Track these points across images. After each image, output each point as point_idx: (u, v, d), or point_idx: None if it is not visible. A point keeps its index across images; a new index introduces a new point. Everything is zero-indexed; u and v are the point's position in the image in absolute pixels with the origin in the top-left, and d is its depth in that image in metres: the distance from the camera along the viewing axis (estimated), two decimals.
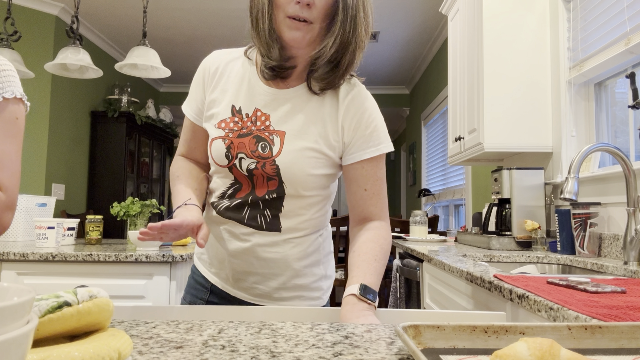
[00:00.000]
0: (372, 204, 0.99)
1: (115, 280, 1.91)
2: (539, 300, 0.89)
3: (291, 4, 0.86)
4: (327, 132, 0.96)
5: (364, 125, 0.97)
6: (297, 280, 1.03)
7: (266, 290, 1.03)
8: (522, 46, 2.22)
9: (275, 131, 0.96)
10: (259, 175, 0.96)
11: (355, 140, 0.97)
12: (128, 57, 2.72)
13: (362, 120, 0.97)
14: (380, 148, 0.98)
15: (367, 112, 0.98)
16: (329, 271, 1.10)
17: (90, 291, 0.50)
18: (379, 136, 0.98)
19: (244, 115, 0.97)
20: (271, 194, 0.97)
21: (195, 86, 1.05)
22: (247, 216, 0.99)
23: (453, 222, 4.55)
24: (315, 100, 0.97)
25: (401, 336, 0.50)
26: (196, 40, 4.94)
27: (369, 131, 0.97)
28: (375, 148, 0.98)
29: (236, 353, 0.53)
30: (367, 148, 0.97)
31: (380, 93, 6.49)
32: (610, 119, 1.96)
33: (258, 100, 0.97)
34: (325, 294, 1.09)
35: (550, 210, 2.13)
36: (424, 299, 2.06)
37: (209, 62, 1.04)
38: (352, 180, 1.00)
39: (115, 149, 4.84)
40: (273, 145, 0.95)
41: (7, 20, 2.81)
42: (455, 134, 2.71)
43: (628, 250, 1.43)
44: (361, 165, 0.98)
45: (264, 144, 0.95)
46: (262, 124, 0.96)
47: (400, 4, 4.02)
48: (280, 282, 1.02)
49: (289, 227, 0.99)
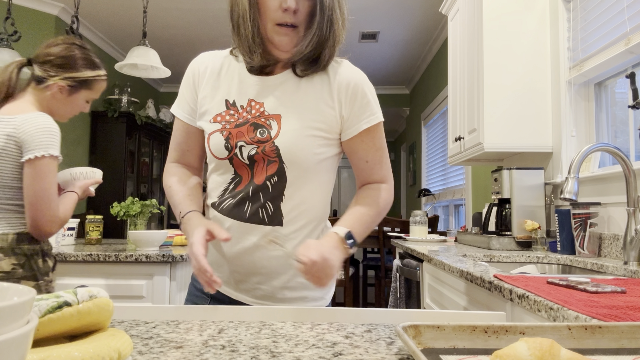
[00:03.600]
0: (374, 173, 1.06)
1: (115, 280, 1.91)
2: (539, 300, 0.89)
3: (278, 12, 0.91)
4: (322, 110, 0.99)
5: (360, 96, 1.00)
6: (300, 278, 1.02)
7: (269, 291, 1.02)
8: (522, 46, 2.22)
9: (271, 116, 0.99)
10: (260, 159, 0.98)
11: (353, 112, 1.00)
12: (128, 57, 2.72)
13: (358, 91, 1.00)
14: (377, 116, 1.02)
15: (360, 83, 1.01)
16: None
17: (90, 291, 0.50)
18: (373, 106, 1.02)
19: (238, 107, 1.00)
20: (272, 178, 0.98)
21: (185, 87, 1.07)
22: (248, 212, 0.99)
23: (453, 222, 4.55)
24: (304, 81, 1.01)
25: (401, 336, 0.50)
26: (196, 40, 4.94)
27: (366, 101, 1.01)
28: (372, 117, 1.02)
29: (236, 353, 0.53)
30: (364, 119, 1.01)
31: (380, 93, 6.48)
32: (610, 119, 1.96)
33: (250, 91, 1.01)
34: (328, 294, 1.11)
35: (550, 210, 2.13)
36: (424, 299, 2.06)
37: (198, 63, 1.07)
38: (353, 154, 1.05)
39: (115, 149, 4.83)
40: (271, 129, 0.98)
41: (7, 20, 2.81)
42: (455, 134, 2.71)
43: (628, 250, 1.43)
44: (360, 139, 1.02)
45: (262, 129, 0.98)
46: (257, 112, 0.99)
47: (400, 4, 4.02)
48: (283, 281, 1.01)
49: (291, 219, 0.99)
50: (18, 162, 1.42)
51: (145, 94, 6.13)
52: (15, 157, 1.41)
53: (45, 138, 1.40)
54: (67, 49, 1.53)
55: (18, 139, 1.39)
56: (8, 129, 1.40)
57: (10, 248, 1.40)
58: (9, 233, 1.41)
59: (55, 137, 1.43)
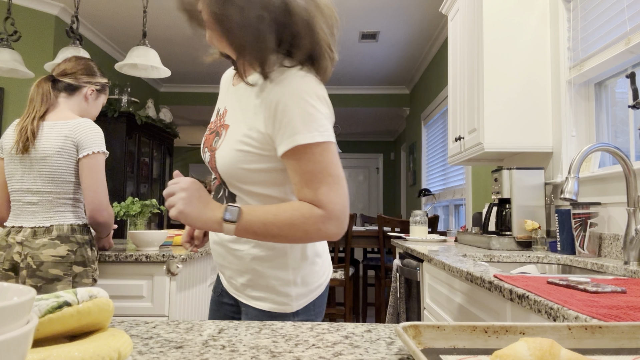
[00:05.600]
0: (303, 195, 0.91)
1: (115, 280, 1.91)
2: (539, 300, 0.89)
3: None
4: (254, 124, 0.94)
5: (279, 115, 0.89)
6: (260, 280, 1.02)
7: (237, 286, 1.07)
8: (522, 46, 2.22)
9: (224, 125, 1.01)
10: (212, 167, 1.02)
11: (274, 131, 0.91)
12: (128, 57, 2.71)
13: (278, 109, 0.89)
14: (295, 139, 0.88)
15: (282, 100, 0.89)
16: (302, 279, 1.03)
17: (90, 291, 0.50)
18: (295, 126, 0.88)
19: (220, 115, 1.05)
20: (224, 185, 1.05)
21: None
22: None
23: (453, 222, 4.55)
24: (250, 91, 0.97)
25: (401, 336, 0.50)
26: (196, 40, 4.94)
27: (286, 121, 0.88)
28: (292, 138, 0.88)
29: (236, 353, 0.53)
30: (284, 140, 0.89)
31: (380, 93, 6.49)
32: (610, 119, 1.96)
33: (228, 99, 1.05)
34: (295, 302, 1.03)
35: (550, 210, 2.13)
36: (424, 299, 2.06)
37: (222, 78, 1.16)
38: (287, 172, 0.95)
39: (115, 149, 4.83)
40: (219, 139, 1.00)
41: (7, 20, 2.81)
42: (455, 134, 2.71)
43: (628, 250, 1.43)
44: (285, 159, 0.91)
45: (217, 138, 1.01)
46: (221, 119, 1.04)
47: (400, 4, 4.02)
48: (246, 280, 1.04)
49: None
50: (74, 158, 1.69)
51: (145, 94, 6.13)
52: (72, 154, 1.68)
53: (97, 138, 1.71)
54: (82, 60, 1.84)
55: (74, 139, 1.67)
56: (65, 131, 1.67)
57: (66, 236, 1.64)
58: (64, 224, 1.66)
59: (103, 137, 1.74)
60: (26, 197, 1.67)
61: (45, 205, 1.66)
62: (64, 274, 1.61)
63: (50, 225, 1.64)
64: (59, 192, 1.68)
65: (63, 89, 1.78)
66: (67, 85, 1.78)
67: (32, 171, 1.66)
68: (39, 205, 1.66)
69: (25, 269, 1.60)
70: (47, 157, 1.65)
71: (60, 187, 1.68)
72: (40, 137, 1.66)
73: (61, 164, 1.67)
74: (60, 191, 1.68)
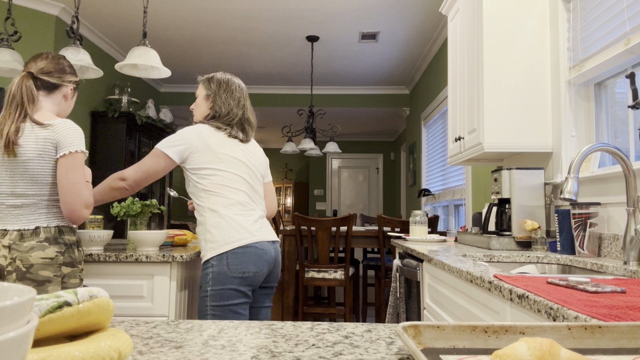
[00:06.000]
0: None
1: (115, 280, 1.91)
2: (539, 300, 0.89)
3: None
4: None
5: None
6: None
7: None
8: (522, 46, 2.22)
9: None
10: None
11: None
12: (128, 57, 2.71)
13: None
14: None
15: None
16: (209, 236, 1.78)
17: (91, 291, 0.50)
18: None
19: None
20: None
21: None
22: None
23: (453, 222, 4.55)
24: None
25: (401, 336, 0.50)
26: (196, 40, 4.94)
27: None
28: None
29: (236, 353, 0.53)
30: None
31: (380, 93, 6.49)
32: (610, 119, 1.96)
33: None
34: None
35: (550, 210, 2.13)
36: (424, 299, 2.06)
37: None
38: None
39: (115, 149, 4.83)
40: None
41: (7, 20, 2.81)
42: (455, 134, 2.71)
43: (628, 250, 1.43)
44: None
45: None
46: None
47: (400, 4, 4.02)
48: None
49: None
50: (54, 160, 1.66)
51: (145, 94, 6.13)
52: (53, 156, 1.66)
53: (76, 137, 1.67)
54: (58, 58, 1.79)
55: (54, 140, 1.65)
56: (44, 133, 1.65)
57: (54, 238, 1.64)
58: (50, 226, 1.66)
59: (82, 137, 1.71)
60: (9, 200, 1.64)
61: (29, 207, 1.64)
62: (54, 275, 1.60)
63: (36, 228, 1.62)
64: (42, 195, 1.66)
65: (42, 87, 1.73)
66: (47, 83, 1.74)
67: (14, 174, 1.64)
68: (23, 208, 1.64)
69: (15, 272, 1.57)
70: (29, 160, 1.63)
71: (43, 189, 1.66)
72: (21, 139, 1.63)
73: (43, 167, 1.65)
74: (44, 193, 1.66)
